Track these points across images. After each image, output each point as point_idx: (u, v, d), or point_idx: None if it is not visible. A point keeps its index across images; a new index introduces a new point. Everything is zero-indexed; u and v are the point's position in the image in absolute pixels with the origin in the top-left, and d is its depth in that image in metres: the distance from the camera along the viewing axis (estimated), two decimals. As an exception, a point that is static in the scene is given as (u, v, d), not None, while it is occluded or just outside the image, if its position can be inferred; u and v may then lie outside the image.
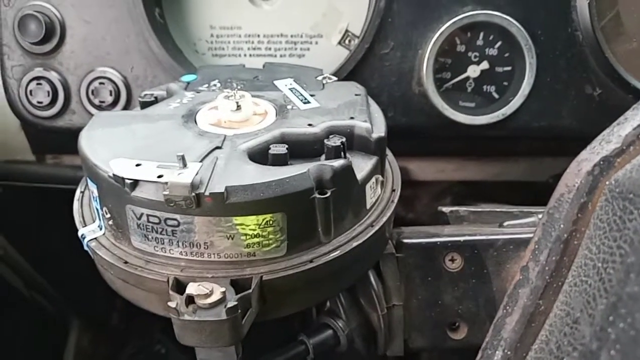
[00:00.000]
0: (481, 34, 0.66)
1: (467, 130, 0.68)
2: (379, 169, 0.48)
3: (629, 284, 0.22)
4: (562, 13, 0.65)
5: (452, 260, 0.53)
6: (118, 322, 1.16)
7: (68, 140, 0.57)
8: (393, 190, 0.51)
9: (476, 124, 0.67)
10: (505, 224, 0.58)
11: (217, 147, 0.44)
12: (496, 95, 0.69)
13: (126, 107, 0.68)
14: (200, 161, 0.41)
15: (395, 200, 0.50)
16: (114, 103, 0.68)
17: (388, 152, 0.57)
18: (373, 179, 0.47)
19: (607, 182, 0.27)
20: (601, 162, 0.28)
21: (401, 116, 0.69)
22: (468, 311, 0.52)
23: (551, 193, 0.85)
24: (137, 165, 0.41)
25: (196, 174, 0.39)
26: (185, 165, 0.40)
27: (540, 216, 0.47)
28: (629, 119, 0.29)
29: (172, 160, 0.40)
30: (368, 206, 0.46)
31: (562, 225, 0.28)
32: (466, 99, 0.69)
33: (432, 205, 0.90)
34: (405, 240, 0.54)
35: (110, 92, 0.68)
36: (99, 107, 0.68)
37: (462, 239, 0.53)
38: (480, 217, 0.65)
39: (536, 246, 0.29)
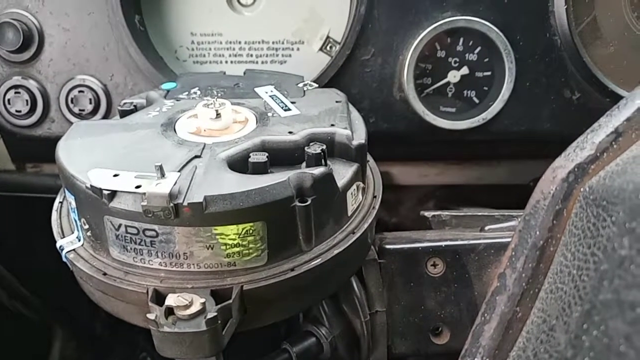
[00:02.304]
0: (461, 40, 0.67)
1: (448, 135, 0.69)
2: (360, 175, 0.48)
3: (603, 291, 0.22)
4: (540, 18, 0.66)
5: (434, 265, 0.53)
6: (102, 331, 1.14)
7: (48, 148, 0.56)
8: (374, 197, 0.51)
9: (457, 129, 0.68)
10: (487, 228, 0.58)
11: (196, 156, 0.43)
12: (476, 100, 0.69)
13: (106, 115, 0.68)
14: (179, 171, 0.41)
15: (377, 207, 0.50)
16: (94, 111, 0.67)
17: (369, 158, 0.57)
18: (354, 186, 0.47)
19: (581, 189, 0.27)
20: (575, 169, 0.28)
21: (383, 122, 0.69)
22: (450, 316, 0.53)
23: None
24: (115, 175, 0.41)
25: (174, 184, 0.39)
26: (163, 175, 0.39)
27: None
28: (602, 126, 0.30)
29: (150, 170, 0.40)
30: (349, 213, 0.46)
31: (537, 232, 0.28)
32: (447, 104, 0.69)
33: (416, 210, 0.91)
34: (388, 246, 0.54)
35: (90, 100, 0.67)
36: (79, 116, 0.67)
37: (443, 244, 0.53)
38: (462, 222, 0.65)
39: (513, 253, 0.29)
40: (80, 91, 0.67)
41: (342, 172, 0.46)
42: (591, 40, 0.69)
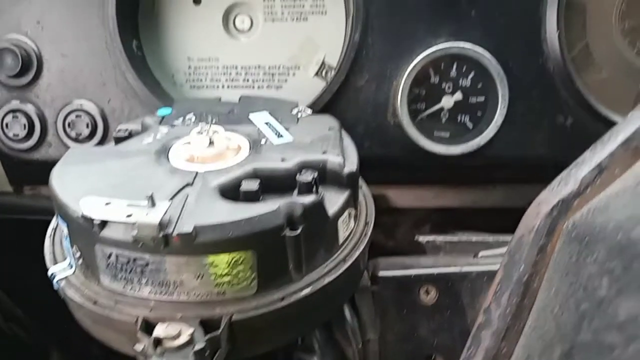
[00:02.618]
0: (454, 65, 0.67)
1: (443, 160, 0.69)
2: (351, 202, 0.48)
3: (582, 331, 0.22)
4: (533, 45, 0.67)
5: (427, 292, 0.53)
6: (98, 353, 1.14)
7: (45, 171, 0.56)
8: (367, 223, 0.51)
9: (451, 154, 0.68)
10: (480, 254, 0.58)
11: (188, 184, 0.44)
12: (470, 125, 0.69)
13: (103, 139, 0.68)
14: (170, 199, 0.41)
15: (369, 234, 0.50)
16: (91, 135, 0.68)
17: (362, 183, 0.57)
18: (345, 213, 0.47)
19: (565, 225, 0.28)
20: (559, 204, 0.28)
21: (377, 147, 0.69)
22: (443, 343, 0.52)
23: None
24: (107, 204, 0.41)
25: (165, 214, 0.39)
26: (154, 205, 0.39)
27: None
28: (586, 160, 0.30)
29: (143, 198, 0.40)
30: (341, 241, 0.47)
31: (522, 267, 0.28)
32: (441, 129, 0.70)
33: (412, 233, 0.90)
34: (381, 273, 0.54)
35: (87, 124, 0.68)
36: (76, 140, 0.68)
37: (436, 271, 0.53)
38: (457, 247, 0.65)
39: (498, 287, 0.29)
40: (77, 116, 0.67)
41: (334, 200, 0.46)
42: (584, 66, 0.69)
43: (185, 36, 0.72)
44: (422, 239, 0.67)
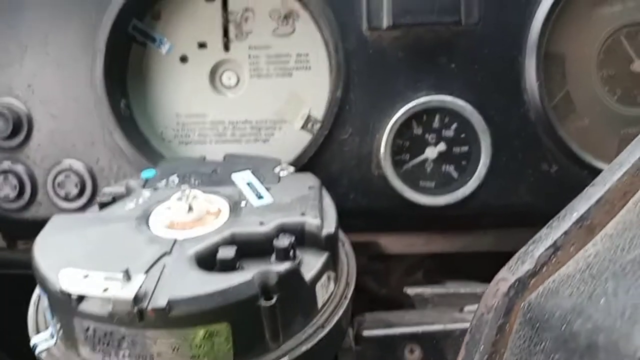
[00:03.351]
0: (437, 117, 0.68)
1: (429, 211, 0.69)
2: (330, 264, 0.48)
3: None
4: (513, 95, 0.68)
5: (412, 351, 0.53)
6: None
7: (36, 229, 0.57)
8: (347, 284, 0.51)
9: (436, 205, 0.68)
10: (466, 309, 0.58)
11: (166, 253, 0.44)
12: (455, 175, 0.70)
13: (92, 198, 0.69)
14: (147, 271, 0.42)
15: (349, 296, 0.50)
16: (80, 195, 0.69)
17: (345, 240, 0.58)
18: (324, 277, 0.47)
19: (522, 304, 0.28)
20: (516, 284, 0.29)
21: (362, 198, 0.70)
22: (429, 403, 0.52)
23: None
24: (85, 276, 0.41)
25: (140, 287, 0.39)
26: (129, 279, 0.40)
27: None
28: (543, 238, 0.30)
29: (121, 268, 0.41)
30: (319, 305, 0.47)
31: (482, 347, 0.28)
32: (426, 179, 0.70)
33: (405, 280, 0.90)
34: (365, 333, 0.54)
35: (76, 184, 0.69)
36: (65, 199, 0.69)
37: (421, 329, 0.53)
38: (444, 300, 0.65)
39: (461, 367, 0.29)
40: (66, 175, 0.68)
41: (312, 263, 0.46)
42: (565, 114, 0.70)
43: (173, 94, 0.73)
44: (410, 291, 0.66)
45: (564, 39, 0.69)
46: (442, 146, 0.69)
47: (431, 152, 0.69)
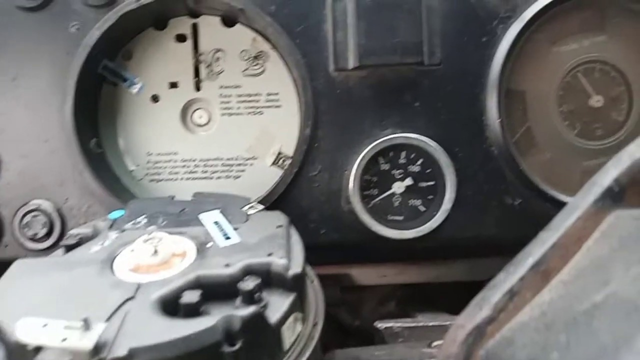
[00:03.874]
0: (403, 153, 0.70)
1: (397, 244, 0.70)
2: (297, 305, 0.48)
3: None
4: (476, 131, 0.70)
5: (380, 389, 0.53)
6: None
7: (4, 270, 0.57)
8: (315, 325, 0.51)
9: (405, 238, 0.69)
10: (434, 344, 0.59)
11: (129, 299, 0.44)
12: (423, 209, 0.71)
13: (60, 239, 0.69)
14: (109, 318, 0.42)
15: (317, 337, 0.50)
16: (47, 235, 0.69)
17: (315, 277, 0.58)
18: (291, 318, 0.47)
19: (480, 353, 0.28)
20: (474, 331, 0.29)
21: (333, 233, 0.71)
22: None
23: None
24: (44, 325, 0.41)
25: (100, 336, 0.39)
26: (89, 328, 0.40)
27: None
28: (499, 284, 0.31)
29: (83, 316, 0.41)
30: (286, 348, 0.47)
31: (441, 396, 0.29)
32: (394, 213, 0.72)
33: (378, 311, 0.91)
34: (332, 372, 0.54)
35: (44, 224, 0.68)
36: (32, 240, 0.68)
37: (387, 366, 0.53)
38: (415, 333, 0.65)
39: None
40: (34, 216, 0.68)
41: (278, 305, 0.46)
42: (527, 149, 0.72)
43: (145, 133, 0.74)
44: (381, 326, 0.67)
45: (524, 77, 0.72)
46: (408, 181, 0.71)
47: (398, 187, 0.71)
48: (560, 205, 0.70)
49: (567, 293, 0.28)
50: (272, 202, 0.69)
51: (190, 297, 0.44)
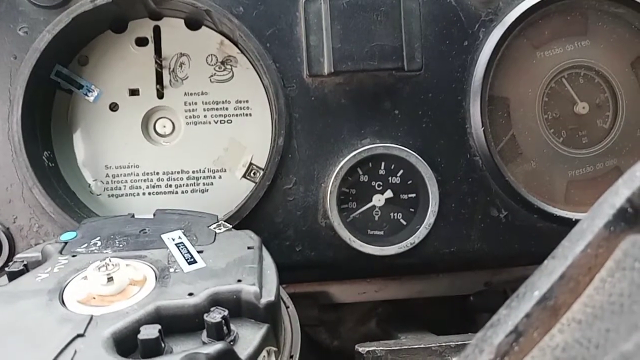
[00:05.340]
0: (382, 164, 0.66)
1: (378, 260, 0.66)
2: (270, 338, 0.43)
3: None
4: (459, 140, 0.66)
5: None
6: None
7: None
8: (291, 357, 0.46)
9: (385, 255, 0.65)
10: (420, 370, 0.54)
11: (79, 335, 0.39)
12: (404, 222, 0.67)
13: (8, 260, 0.62)
14: (55, 358, 0.36)
15: (293, 369, 0.45)
16: (-6, 257, 0.62)
17: (290, 303, 0.53)
18: (263, 353, 0.42)
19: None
20: (473, 380, 0.25)
21: (309, 250, 0.66)
22: None
23: (475, 310, 0.81)
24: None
25: (42, 384, 0.34)
26: (30, 373, 0.34)
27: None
28: (501, 322, 0.27)
29: (27, 356, 0.35)
30: (258, 385, 0.42)
31: None
32: (374, 227, 0.67)
33: (358, 329, 0.86)
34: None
35: (-10, 245, 0.62)
36: (-24, 264, 0.62)
37: (371, 398, 0.49)
38: (398, 356, 0.61)
39: None
40: (-22, 237, 0.61)
41: (249, 338, 0.42)
42: (512, 158, 0.69)
43: (103, 144, 0.68)
44: (363, 349, 0.62)
45: (508, 83, 0.69)
46: (389, 193, 0.67)
47: (378, 200, 0.67)
48: (547, 217, 0.68)
49: (584, 337, 0.24)
50: (243, 218, 0.64)
51: (149, 332, 0.39)
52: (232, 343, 0.39)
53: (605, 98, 0.70)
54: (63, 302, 0.43)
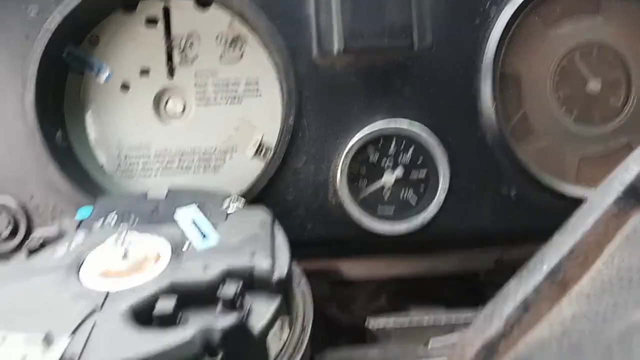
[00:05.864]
0: (393, 142, 0.66)
1: (388, 238, 0.67)
2: (283, 309, 0.44)
3: None
4: (470, 118, 0.66)
5: (374, 395, 0.49)
6: None
7: None
8: (303, 329, 0.47)
9: (396, 234, 0.66)
10: (430, 344, 0.55)
11: (96, 310, 0.40)
12: (414, 201, 0.68)
13: (26, 238, 0.63)
14: (73, 331, 0.37)
15: (306, 341, 0.46)
16: (12, 235, 0.63)
17: (302, 277, 0.54)
18: (276, 325, 0.43)
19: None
20: (484, 349, 0.26)
21: (320, 228, 0.67)
22: None
23: (485, 288, 0.82)
24: (3, 338, 0.36)
25: (64, 353, 0.35)
26: (51, 343, 0.35)
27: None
28: (511, 294, 0.27)
29: (46, 329, 0.36)
30: (272, 356, 0.43)
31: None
32: (384, 205, 0.68)
33: (368, 306, 0.87)
34: (323, 378, 0.50)
35: (8, 222, 0.63)
36: (-5, 241, 0.63)
37: (381, 371, 0.50)
38: (408, 333, 0.62)
39: None
40: (-4, 215, 0.63)
41: (263, 311, 0.42)
42: (523, 136, 0.69)
43: (115, 124, 0.69)
44: (373, 325, 0.63)
45: (519, 60, 0.68)
46: (399, 171, 0.67)
47: (388, 178, 0.67)
48: (558, 195, 0.68)
49: (592, 310, 0.24)
50: (254, 196, 0.65)
51: (165, 305, 0.40)
52: (245, 316, 0.40)
53: (617, 75, 0.69)
54: (79, 278, 0.44)
